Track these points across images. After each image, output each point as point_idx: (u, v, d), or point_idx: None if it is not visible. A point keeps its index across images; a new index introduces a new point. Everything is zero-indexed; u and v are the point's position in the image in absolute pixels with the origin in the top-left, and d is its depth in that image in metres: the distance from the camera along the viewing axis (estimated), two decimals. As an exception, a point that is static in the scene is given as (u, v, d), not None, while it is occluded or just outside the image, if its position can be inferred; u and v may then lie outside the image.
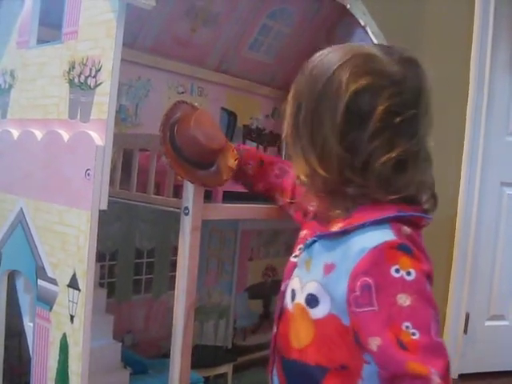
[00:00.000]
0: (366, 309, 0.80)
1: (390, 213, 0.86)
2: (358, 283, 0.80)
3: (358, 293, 0.81)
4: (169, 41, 1.59)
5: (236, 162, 1.19)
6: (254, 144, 1.82)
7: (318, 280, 0.88)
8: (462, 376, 3.00)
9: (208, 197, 1.30)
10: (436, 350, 0.77)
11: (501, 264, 3.09)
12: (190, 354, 1.22)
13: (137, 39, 1.53)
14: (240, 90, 1.80)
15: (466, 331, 3.01)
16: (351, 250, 0.83)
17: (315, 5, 1.78)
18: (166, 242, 1.63)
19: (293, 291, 0.94)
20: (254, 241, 1.86)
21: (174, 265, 1.23)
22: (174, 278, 1.20)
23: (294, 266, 0.97)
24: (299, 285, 0.93)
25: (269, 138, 1.85)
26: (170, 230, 1.60)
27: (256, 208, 1.38)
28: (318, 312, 0.88)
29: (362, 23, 1.75)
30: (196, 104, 1.22)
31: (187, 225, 1.16)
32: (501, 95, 3.03)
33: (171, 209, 1.21)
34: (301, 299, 0.91)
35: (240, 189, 1.54)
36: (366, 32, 1.75)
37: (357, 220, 0.86)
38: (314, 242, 0.93)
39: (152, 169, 1.25)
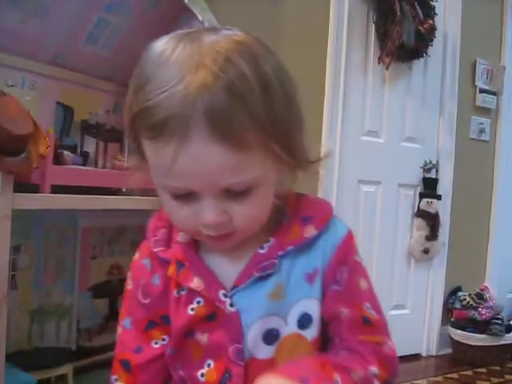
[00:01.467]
0: (334, 287, 0.83)
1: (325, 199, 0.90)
2: (338, 272, 0.83)
3: (337, 278, 0.83)
4: (-4, 32, 1.53)
5: (47, 149, 1.16)
6: (94, 140, 1.78)
7: (307, 295, 0.82)
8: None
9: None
10: (387, 326, 0.86)
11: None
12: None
13: (-42, 29, 1.47)
14: (77, 85, 1.76)
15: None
16: (327, 245, 0.83)
17: (153, -2, 1.77)
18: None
19: (267, 333, 0.81)
20: (97, 239, 1.82)
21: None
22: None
23: (236, 314, 0.81)
24: (279, 319, 0.81)
25: (110, 134, 1.82)
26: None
27: (78, 198, 1.35)
28: (313, 331, 0.82)
29: (200, 18, 1.76)
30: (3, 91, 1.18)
31: (-5, 214, 1.12)
32: (356, 96, 3.15)
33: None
34: (291, 330, 0.81)
35: (80, 182, 1.51)
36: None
37: (321, 214, 0.85)
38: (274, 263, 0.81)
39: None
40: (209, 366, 0.82)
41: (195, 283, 0.81)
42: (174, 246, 0.85)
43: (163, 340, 0.87)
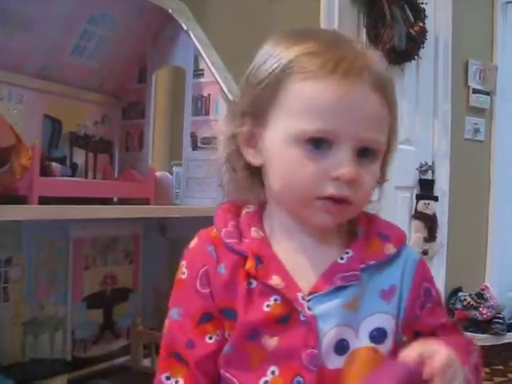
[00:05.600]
0: (428, 305, 0.88)
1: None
2: (422, 290, 0.87)
3: (422, 298, 0.87)
4: (-20, 46, 1.54)
5: (30, 160, 1.17)
6: (83, 151, 1.79)
7: (382, 311, 0.84)
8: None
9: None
10: None
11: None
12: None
13: None
14: (65, 97, 1.76)
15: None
16: (407, 264, 0.87)
17: (137, 9, 1.78)
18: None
19: (339, 343, 0.81)
20: (89, 249, 1.82)
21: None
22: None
23: (313, 319, 0.80)
24: (351, 331, 0.82)
25: (99, 145, 1.83)
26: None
27: (66, 208, 1.36)
28: (388, 345, 0.84)
29: (185, 27, 1.77)
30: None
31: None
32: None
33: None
34: (362, 343, 0.82)
35: (68, 193, 1.52)
36: (190, 36, 1.78)
37: (397, 234, 0.90)
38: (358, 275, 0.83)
39: None
40: (273, 373, 0.80)
41: (275, 280, 0.80)
42: (248, 240, 0.84)
43: (218, 335, 0.83)
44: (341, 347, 0.80)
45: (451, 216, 3.58)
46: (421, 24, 3.34)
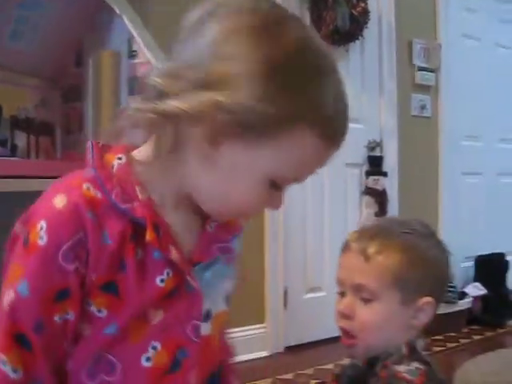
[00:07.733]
0: None
1: None
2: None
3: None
4: None
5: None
6: (25, 134, 1.84)
7: (229, 275, 0.86)
8: (287, 348, 3.16)
9: None
10: None
11: (311, 239, 3.30)
12: None
13: None
14: (4, 82, 1.81)
15: (285, 305, 3.17)
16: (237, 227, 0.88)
17: (70, -6, 1.84)
18: None
19: (207, 311, 0.82)
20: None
21: None
22: None
23: (200, 292, 0.79)
24: (215, 298, 0.84)
25: (40, 128, 1.88)
26: None
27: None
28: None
29: (118, 11, 1.83)
30: None
31: None
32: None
33: None
34: (221, 307, 0.85)
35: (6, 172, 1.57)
36: (123, 19, 1.84)
37: None
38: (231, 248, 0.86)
39: None
40: (155, 348, 0.75)
41: (174, 254, 0.74)
42: (137, 203, 0.73)
43: (68, 315, 0.71)
44: (207, 314, 0.81)
45: (401, 191, 3.68)
46: (363, 4, 3.41)
